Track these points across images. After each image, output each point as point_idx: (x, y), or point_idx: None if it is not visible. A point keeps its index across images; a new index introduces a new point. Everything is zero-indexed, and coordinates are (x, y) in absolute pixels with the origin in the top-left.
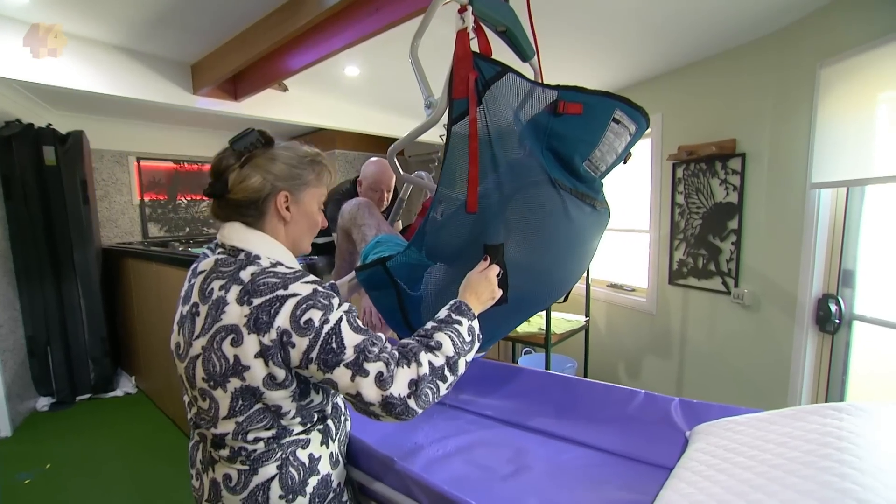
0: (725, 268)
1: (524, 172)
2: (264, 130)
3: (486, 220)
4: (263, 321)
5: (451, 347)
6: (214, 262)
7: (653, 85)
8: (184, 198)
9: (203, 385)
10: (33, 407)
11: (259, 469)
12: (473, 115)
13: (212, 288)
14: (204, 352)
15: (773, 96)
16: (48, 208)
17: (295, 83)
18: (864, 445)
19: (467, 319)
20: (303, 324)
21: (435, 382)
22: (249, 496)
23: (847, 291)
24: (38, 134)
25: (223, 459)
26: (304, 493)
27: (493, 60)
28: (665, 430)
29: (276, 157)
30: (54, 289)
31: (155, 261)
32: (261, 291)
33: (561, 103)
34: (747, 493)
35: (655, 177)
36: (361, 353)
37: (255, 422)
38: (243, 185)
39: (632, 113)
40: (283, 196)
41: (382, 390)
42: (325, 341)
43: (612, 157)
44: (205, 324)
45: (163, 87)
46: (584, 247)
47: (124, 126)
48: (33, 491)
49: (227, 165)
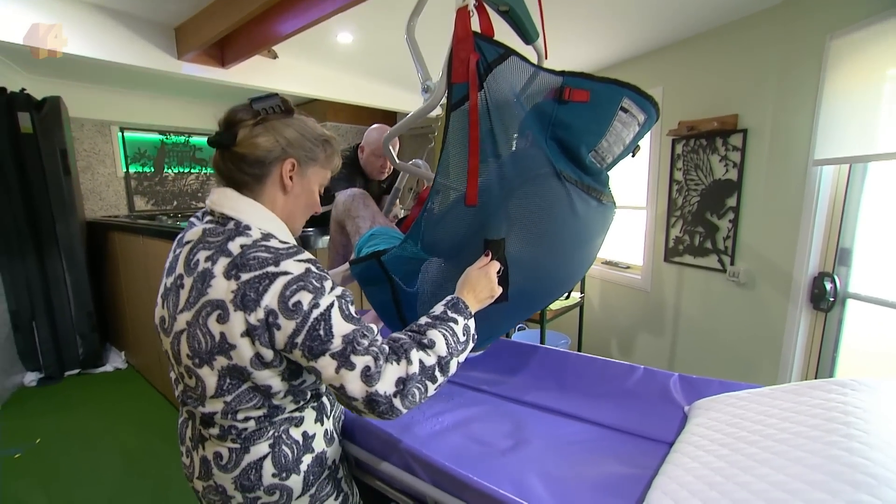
0: (722, 245)
1: (528, 163)
2: (288, 100)
3: (486, 214)
4: (251, 298)
5: (444, 347)
6: (202, 232)
7: (653, 58)
8: (171, 170)
9: (188, 362)
10: (21, 382)
11: (251, 448)
12: (474, 100)
13: (197, 259)
14: (189, 327)
15: (779, 70)
16: (26, 178)
17: (285, 50)
18: (871, 420)
19: (463, 318)
20: (291, 306)
21: (424, 382)
22: (241, 474)
23: (843, 270)
24: (11, 99)
25: (213, 437)
26: (297, 471)
27: (495, 41)
28: (664, 406)
29: (292, 126)
30: (37, 262)
31: (142, 234)
32: (250, 266)
33: (567, 90)
34: (752, 467)
35: (654, 153)
36: (350, 344)
37: (245, 401)
38: (253, 142)
39: (640, 101)
40: (291, 163)
41: (368, 386)
42: (313, 327)
43: (620, 147)
44: (189, 297)
45: (145, 50)
46: (589, 243)
47: (106, 94)
48: (23, 465)
49: (240, 119)
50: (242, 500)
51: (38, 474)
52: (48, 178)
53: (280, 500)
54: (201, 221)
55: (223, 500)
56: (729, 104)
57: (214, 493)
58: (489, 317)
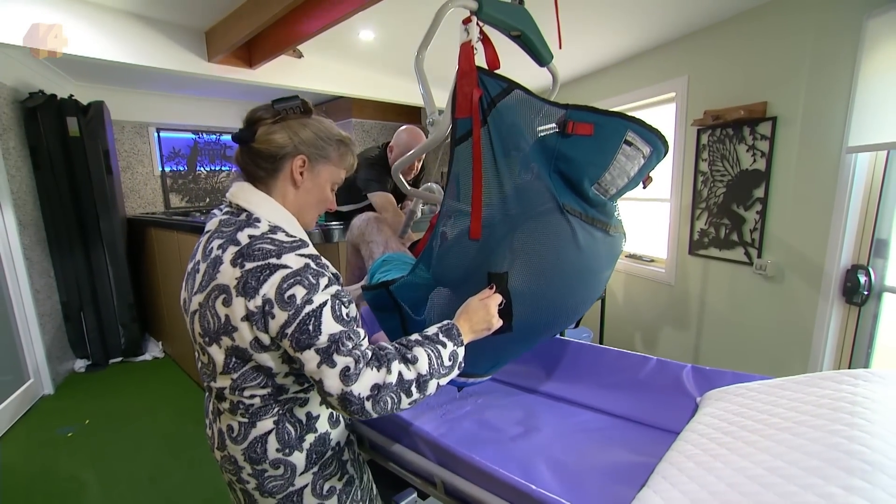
0: (749, 238)
1: (532, 198)
2: (307, 101)
3: (490, 247)
4: (251, 286)
5: (425, 365)
6: (218, 222)
7: (679, 46)
8: (203, 168)
9: (200, 340)
10: (71, 368)
11: (257, 423)
12: (477, 136)
13: (212, 247)
14: (200, 308)
15: (811, 54)
16: (74, 178)
17: (310, 49)
18: (877, 410)
19: (452, 344)
20: (286, 298)
21: (399, 394)
22: (249, 447)
23: (879, 262)
24: (61, 105)
25: (226, 411)
26: (300, 448)
27: (498, 76)
28: (676, 396)
29: (307, 125)
30: (84, 257)
31: (176, 229)
32: (254, 256)
33: (570, 124)
34: (752, 454)
35: (679, 144)
36: (335, 343)
37: (249, 380)
38: (268, 138)
39: (645, 135)
40: (301, 160)
41: (344, 385)
42: (304, 321)
43: (624, 180)
44: (202, 281)
45: (177, 54)
46: (595, 275)
47: (143, 97)
48: (76, 443)
49: (259, 117)
50: (251, 472)
51: (88, 452)
52: (93, 178)
53: (284, 475)
54: (220, 213)
55: (236, 469)
56: (757, 91)
57: (229, 462)
58: (495, 346)
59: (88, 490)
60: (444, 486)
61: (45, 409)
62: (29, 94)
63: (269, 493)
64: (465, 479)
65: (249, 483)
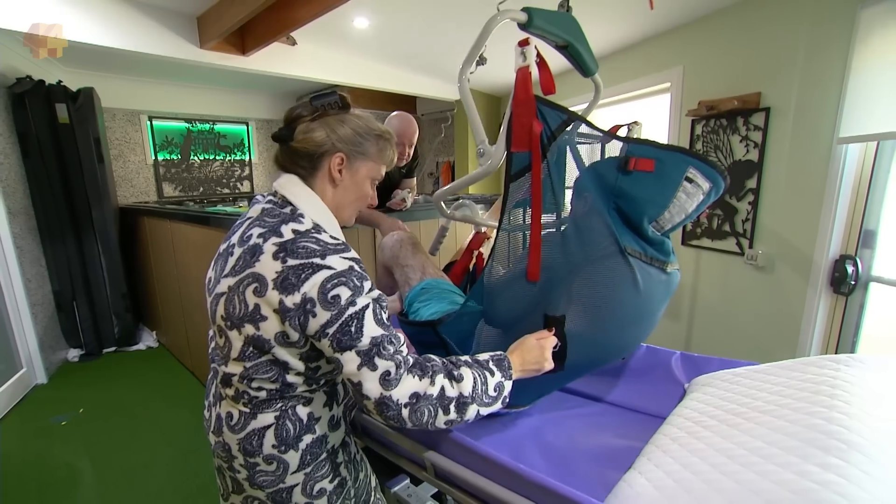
0: (741, 228)
1: (593, 239)
2: (346, 96)
3: (548, 289)
4: (291, 283)
5: (469, 387)
6: (261, 211)
7: (674, 36)
8: (197, 157)
9: (221, 323)
10: (65, 357)
11: (258, 415)
12: (537, 173)
13: (251, 234)
14: (229, 291)
15: (805, 44)
16: (64, 166)
17: (304, 37)
18: (855, 392)
19: (501, 375)
20: (330, 298)
21: (437, 408)
22: (245, 438)
23: (866, 252)
24: (49, 91)
25: (228, 398)
26: (296, 447)
27: (558, 106)
28: (665, 383)
29: (345, 122)
30: (76, 246)
31: (168, 218)
32: (298, 253)
33: (632, 160)
34: (735, 436)
35: (673, 134)
36: (377, 346)
37: (261, 371)
38: (306, 137)
39: (706, 171)
40: (339, 158)
41: (384, 389)
42: (346, 322)
43: (681, 216)
44: (236, 265)
45: (168, 40)
46: (651, 316)
47: (135, 84)
48: (69, 432)
49: (298, 115)
50: (243, 463)
51: (82, 440)
52: (83, 166)
53: (276, 472)
54: (263, 200)
55: (228, 457)
56: (751, 82)
57: (222, 449)
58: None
59: (83, 477)
60: (434, 469)
61: (38, 399)
62: (16, 79)
63: (259, 485)
64: (455, 461)
65: (240, 473)
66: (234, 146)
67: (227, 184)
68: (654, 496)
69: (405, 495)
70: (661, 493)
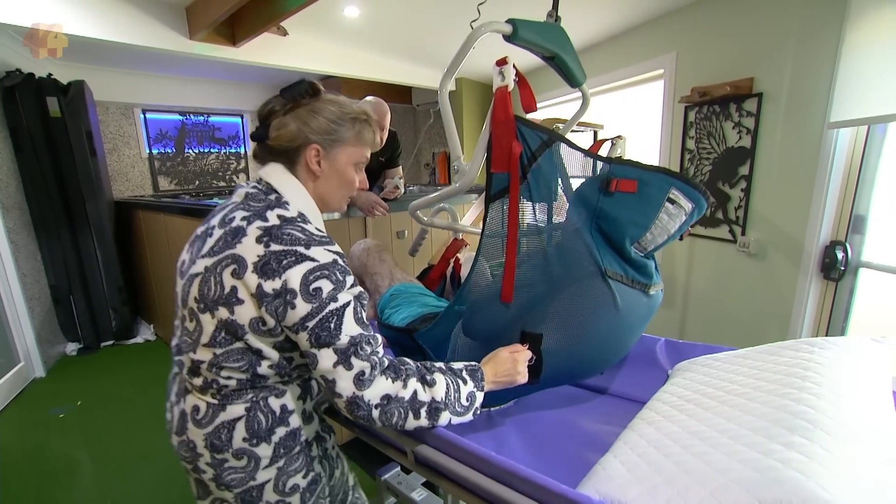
0: (733, 216)
1: (573, 260)
2: (315, 83)
3: (526, 308)
4: (272, 268)
5: (442, 393)
6: (244, 195)
7: (667, 22)
8: (192, 150)
9: (194, 305)
10: (62, 351)
11: (227, 406)
12: (515, 196)
13: (234, 216)
14: (205, 272)
15: (798, 29)
16: (57, 160)
17: (295, 27)
18: (826, 374)
19: (474, 384)
20: (311, 290)
21: (407, 411)
22: (213, 432)
23: (856, 238)
24: (39, 84)
25: (195, 389)
26: (268, 440)
27: (538, 127)
28: (649, 369)
29: (317, 111)
30: (71, 240)
31: (163, 211)
32: (282, 239)
33: (614, 181)
34: (708, 418)
35: (666, 121)
36: (355, 346)
37: (232, 359)
38: (280, 133)
39: (689, 192)
40: (315, 149)
41: (357, 389)
42: (326, 318)
43: (664, 237)
44: (215, 246)
45: (157, 31)
46: (630, 334)
47: (127, 77)
48: (67, 424)
49: (270, 111)
50: (210, 460)
51: (80, 432)
52: (77, 160)
53: (246, 467)
54: (248, 186)
55: (192, 456)
56: (744, 68)
57: (186, 448)
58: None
59: (81, 468)
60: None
61: (36, 392)
62: (6, 72)
63: (227, 485)
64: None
65: (206, 473)
66: (229, 139)
67: (222, 177)
68: (626, 477)
69: (395, 483)
70: (632, 475)
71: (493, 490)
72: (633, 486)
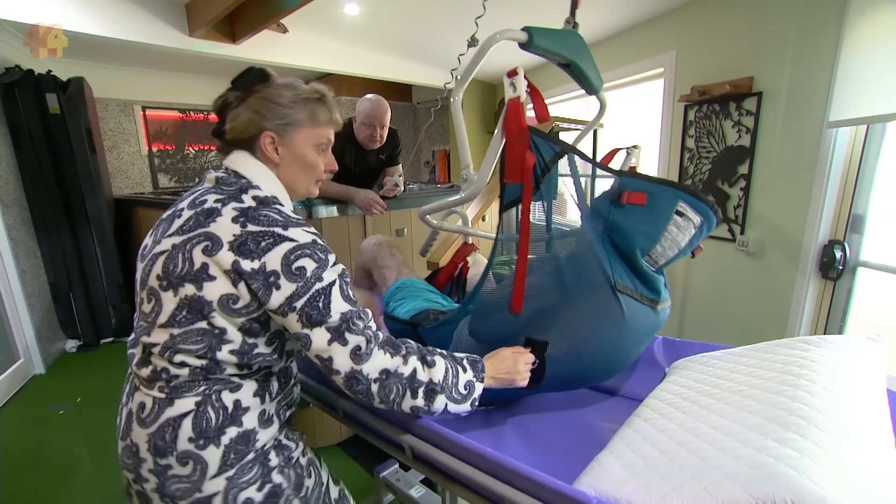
0: (732, 214)
1: (584, 272)
2: (264, 68)
3: (534, 315)
4: (249, 249)
5: (440, 375)
6: (215, 180)
7: (668, 20)
8: (192, 148)
9: (154, 284)
10: (62, 348)
11: (175, 400)
12: (527, 207)
13: (205, 199)
14: (172, 249)
15: (797, 28)
16: (57, 157)
17: (294, 24)
18: (820, 371)
19: (473, 374)
20: (294, 269)
21: (406, 388)
22: (157, 431)
23: (854, 237)
24: (39, 80)
25: (143, 383)
26: (217, 442)
27: (551, 138)
28: (646, 367)
29: (267, 97)
30: (70, 237)
31: (163, 209)
32: (259, 220)
33: (625, 193)
34: (704, 415)
35: (666, 120)
36: (346, 322)
37: (190, 341)
38: (234, 125)
39: (696, 205)
40: (269, 137)
41: (355, 364)
42: (314, 297)
43: (674, 251)
44: (184, 225)
45: (157, 28)
46: (635, 348)
47: (127, 74)
48: (67, 420)
49: (224, 104)
50: (153, 467)
51: (80, 428)
52: (76, 157)
53: (192, 476)
54: (216, 172)
55: (135, 463)
56: (744, 66)
57: (129, 454)
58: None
59: (81, 464)
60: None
61: (36, 388)
62: (5, 69)
63: (171, 497)
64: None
65: (148, 482)
66: None
67: None
68: (622, 474)
69: (394, 480)
70: (628, 471)
71: (490, 486)
72: (628, 482)
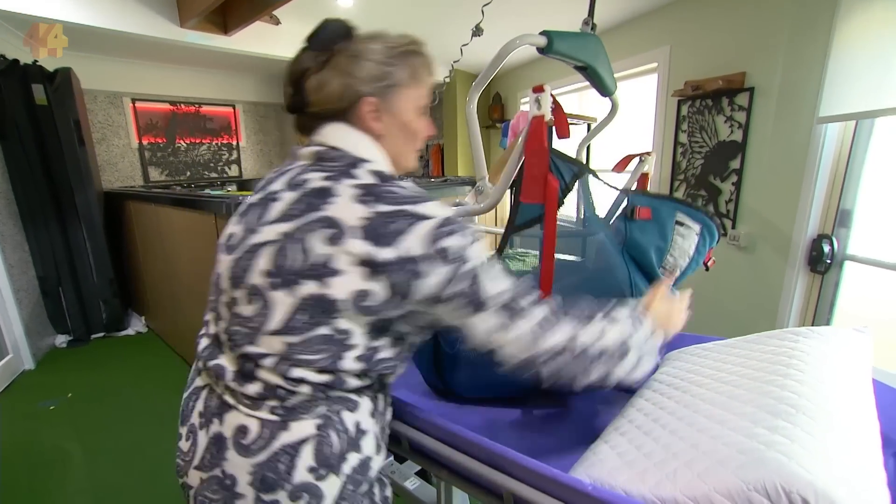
0: (724, 209)
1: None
2: (345, 20)
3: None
4: (384, 233)
5: (628, 332)
6: (314, 155)
7: (661, 15)
8: (183, 141)
9: (261, 281)
10: (52, 343)
11: (292, 423)
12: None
13: (307, 178)
14: (283, 238)
15: (790, 24)
16: (44, 149)
17: (287, 16)
18: (809, 361)
19: (650, 328)
20: (438, 251)
21: (609, 357)
22: (268, 461)
23: (842, 231)
24: (25, 70)
25: (244, 402)
26: (338, 471)
27: (570, 159)
28: None
29: (359, 54)
30: (60, 231)
31: (154, 202)
32: (386, 199)
33: (637, 209)
34: (696, 405)
35: (659, 115)
36: (515, 299)
37: (312, 349)
38: (322, 95)
39: (692, 214)
40: (369, 103)
41: (540, 343)
42: (468, 279)
43: (685, 259)
44: (291, 210)
45: (147, 18)
46: None
47: (116, 65)
48: (58, 416)
49: (303, 70)
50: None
51: (71, 424)
52: (64, 149)
53: None
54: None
55: (225, 499)
56: (736, 62)
57: (217, 489)
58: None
59: (72, 459)
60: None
61: (26, 384)
62: None
63: None
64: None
65: None
66: (221, 129)
67: (214, 168)
68: (617, 462)
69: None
70: (622, 460)
71: (487, 476)
72: (622, 471)
